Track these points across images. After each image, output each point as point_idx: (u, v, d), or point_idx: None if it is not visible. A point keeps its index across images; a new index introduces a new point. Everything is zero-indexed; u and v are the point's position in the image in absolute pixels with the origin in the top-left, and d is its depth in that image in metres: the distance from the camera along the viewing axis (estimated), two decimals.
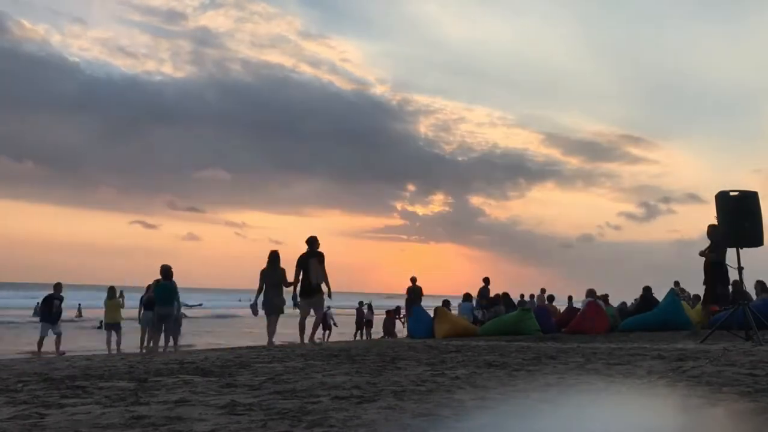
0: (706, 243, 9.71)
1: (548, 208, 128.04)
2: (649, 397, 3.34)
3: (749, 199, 7.63)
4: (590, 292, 15.02)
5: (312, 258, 10.36)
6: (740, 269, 7.62)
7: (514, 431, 2.65)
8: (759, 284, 12.46)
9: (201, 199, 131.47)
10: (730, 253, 7.68)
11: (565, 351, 6.67)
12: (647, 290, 14.63)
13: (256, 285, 10.81)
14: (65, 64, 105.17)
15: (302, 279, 10.35)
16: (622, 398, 3.32)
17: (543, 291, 18.19)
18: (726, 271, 9.44)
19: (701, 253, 9.79)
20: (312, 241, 10.52)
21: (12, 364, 6.75)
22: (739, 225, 7.49)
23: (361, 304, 20.84)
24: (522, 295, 17.26)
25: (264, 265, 10.81)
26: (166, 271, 12.76)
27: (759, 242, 7.58)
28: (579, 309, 14.60)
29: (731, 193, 7.63)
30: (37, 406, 3.41)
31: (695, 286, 13.73)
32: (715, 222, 8.43)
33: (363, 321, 20.15)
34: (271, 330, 10.65)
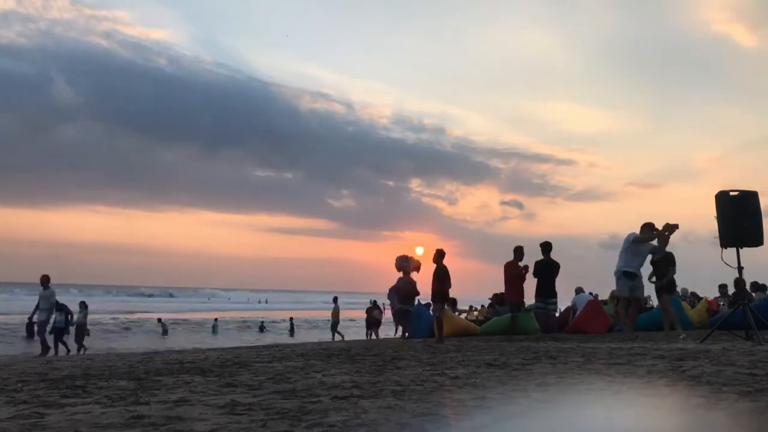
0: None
1: (489, 207, 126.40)
2: (648, 397, 3.34)
3: (749, 198, 7.62)
4: (579, 290, 15.11)
5: None
6: (740, 269, 7.61)
7: (514, 431, 2.65)
8: (754, 285, 12.50)
9: None
10: (730, 253, 7.65)
11: (565, 351, 6.67)
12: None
13: None
14: None
15: None
16: (622, 398, 3.32)
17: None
18: None
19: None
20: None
21: (12, 364, 6.75)
22: (739, 225, 7.48)
23: (373, 303, 20.84)
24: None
25: None
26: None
27: (759, 242, 7.57)
28: (571, 308, 14.62)
29: (731, 193, 7.62)
30: (37, 405, 3.41)
31: None
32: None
33: (374, 321, 20.22)
34: None
